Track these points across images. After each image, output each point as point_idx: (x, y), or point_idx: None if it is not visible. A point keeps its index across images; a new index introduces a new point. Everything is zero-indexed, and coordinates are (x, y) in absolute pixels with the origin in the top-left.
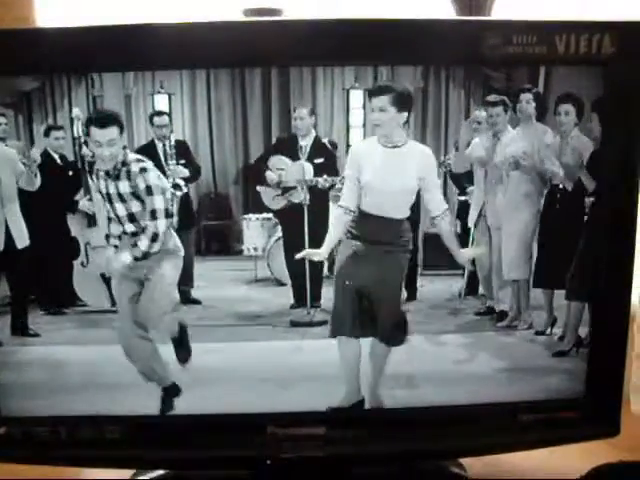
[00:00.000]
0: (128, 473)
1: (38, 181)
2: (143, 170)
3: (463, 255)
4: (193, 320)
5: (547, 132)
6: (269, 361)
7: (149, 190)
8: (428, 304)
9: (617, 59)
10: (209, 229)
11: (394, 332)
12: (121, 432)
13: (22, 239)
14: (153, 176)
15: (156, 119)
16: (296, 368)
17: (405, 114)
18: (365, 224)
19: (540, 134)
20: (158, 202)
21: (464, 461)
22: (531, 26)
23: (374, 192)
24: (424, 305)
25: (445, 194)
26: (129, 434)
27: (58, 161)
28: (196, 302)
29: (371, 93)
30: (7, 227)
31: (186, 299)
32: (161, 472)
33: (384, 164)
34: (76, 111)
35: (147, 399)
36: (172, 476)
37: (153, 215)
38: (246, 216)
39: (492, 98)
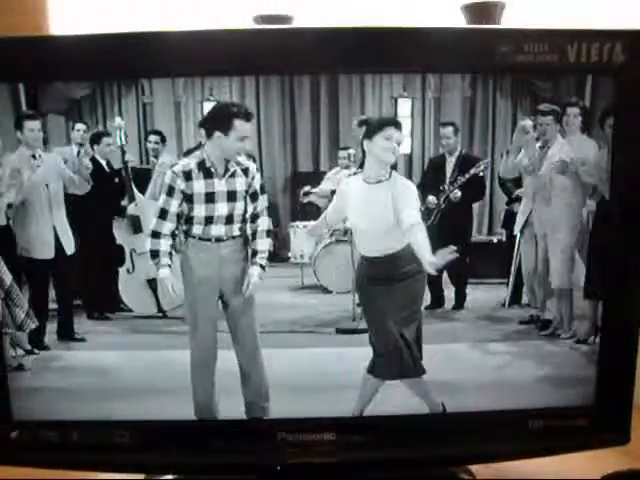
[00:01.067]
0: (138, 478)
1: (89, 185)
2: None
3: (433, 262)
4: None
5: (592, 145)
6: (309, 367)
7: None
8: (473, 313)
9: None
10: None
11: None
12: (131, 437)
13: (69, 246)
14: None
15: None
16: (336, 375)
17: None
18: (365, 265)
19: (586, 146)
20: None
21: (473, 467)
22: (542, 35)
23: (359, 233)
24: (469, 313)
25: (492, 203)
26: (140, 439)
27: (105, 168)
28: None
29: (391, 123)
30: (56, 234)
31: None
32: (170, 477)
33: (366, 203)
34: (118, 120)
35: (163, 404)
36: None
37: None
38: (293, 224)
39: (543, 107)
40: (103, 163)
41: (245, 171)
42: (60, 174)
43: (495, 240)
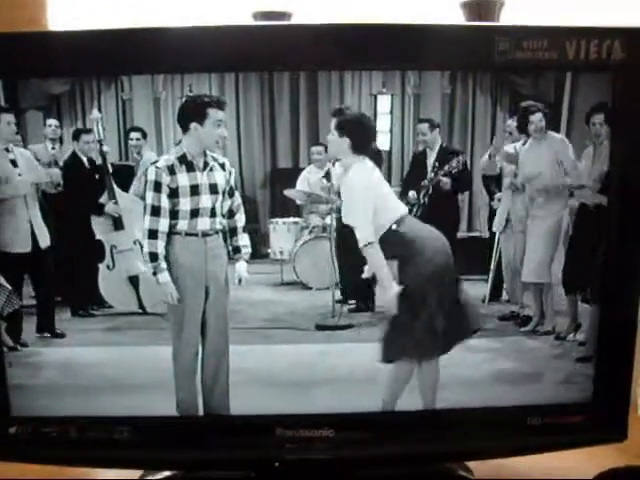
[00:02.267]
0: (136, 474)
1: (61, 185)
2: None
3: (389, 294)
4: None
5: (564, 143)
6: (290, 364)
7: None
8: None
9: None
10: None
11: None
12: (130, 433)
13: (44, 240)
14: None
15: None
16: (318, 371)
17: (346, 140)
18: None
19: (558, 145)
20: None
21: (471, 464)
22: (542, 32)
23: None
24: None
25: (471, 200)
26: (138, 435)
27: (86, 164)
28: None
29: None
30: (32, 228)
31: None
32: (168, 473)
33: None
34: (95, 112)
35: (158, 400)
36: (180, 477)
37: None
38: (273, 220)
39: (525, 104)
40: (84, 159)
41: (222, 166)
42: (32, 169)
43: (474, 236)
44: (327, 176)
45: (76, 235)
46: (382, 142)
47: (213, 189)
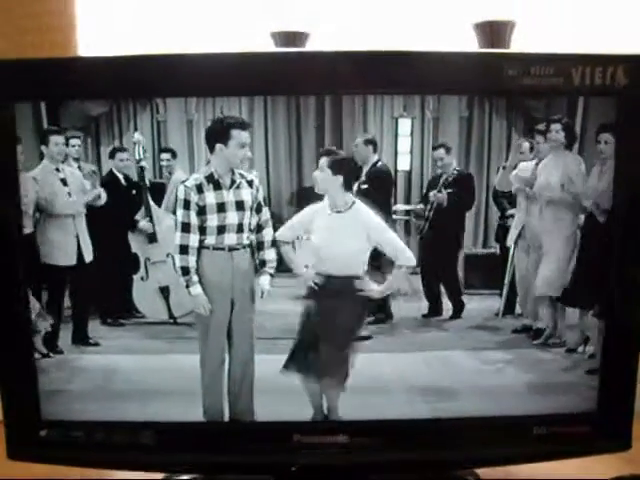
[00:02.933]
0: (157, 476)
1: (103, 199)
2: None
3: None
4: None
5: (578, 161)
6: None
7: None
8: (468, 321)
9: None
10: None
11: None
12: (154, 438)
13: (88, 253)
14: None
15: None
16: None
17: (339, 177)
18: (320, 281)
19: (570, 162)
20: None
21: (479, 471)
22: (549, 59)
23: (322, 254)
24: (464, 322)
25: (487, 217)
26: (161, 439)
27: (122, 181)
28: None
29: (320, 154)
30: (78, 242)
31: None
32: (187, 477)
33: (330, 229)
34: (137, 135)
35: (182, 406)
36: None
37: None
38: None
39: (540, 127)
40: (120, 177)
41: (250, 183)
42: (80, 186)
43: (489, 252)
44: None
45: (115, 249)
46: (403, 163)
47: (239, 206)
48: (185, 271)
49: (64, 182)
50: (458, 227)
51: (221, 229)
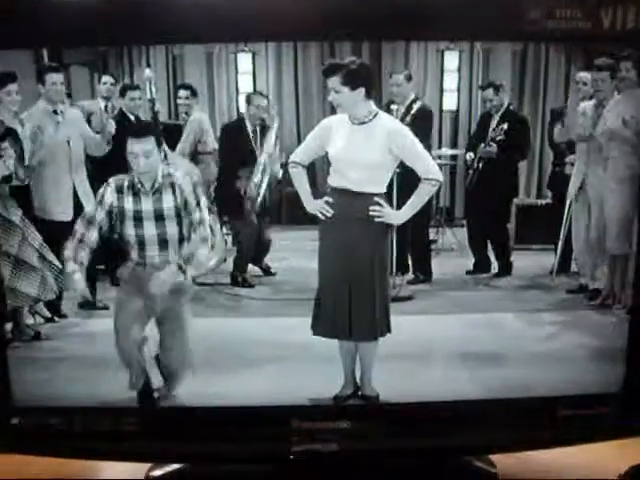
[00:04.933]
0: (142, 467)
1: (107, 147)
2: None
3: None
4: (265, 294)
5: None
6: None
7: None
8: (518, 280)
9: None
10: (292, 197)
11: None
12: (139, 424)
13: (90, 205)
14: None
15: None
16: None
17: (362, 90)
18: (335, 199)
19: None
20: None
21: (494, 457)
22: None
23: (340, 166)
24: (514, 281)
25: (541, 165)
26: (148, 426)
27: (134, 122)
28: (270, 273)
29: (324, 74)
30: (76, 194)
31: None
32: (176, 466)
33: (350, 139)
34: (147, 72)
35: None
36: (190, 470)
37: None
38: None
39: (600, 62)
40: (131, 117)
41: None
42: (81, 131)
43: (542, 203)
44: None
45: None
46: (449, 101)
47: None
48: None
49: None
50: (510, 177)
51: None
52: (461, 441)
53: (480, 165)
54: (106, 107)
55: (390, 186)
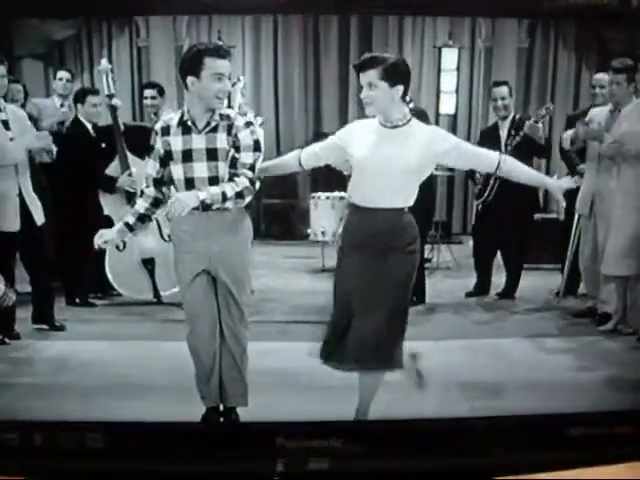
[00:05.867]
0: None
1: (53, 153)
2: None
3: (558, 184)
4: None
5: None
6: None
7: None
8: (522, 303)
9: None
10: (270, 209)
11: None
12: (106, 441)
13: (39, 215)
14: None
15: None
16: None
17: (400, 88)
18: (358, 220)
19: None
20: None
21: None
22: None
23: (368, 177)
24: (516, 304)
25: (548, 173)
26: (119, 444)
27: (91, 132)
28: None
29: (359, 67)
30: (24, 201)
31: None
32: None
33: (382, 144)
34: (104, 63)
35: (149, 403)
36: None
37: None
38: (315, 194)
39: (617, 63)
40: (88, 127)
41: (229, 126)
42: (25, 131)
43: (549, 218)
44: None
45: (79, 211)
46: (447, 105)
47: (211, 155)
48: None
49: (5, 124)
50: (532, 189)
51: (189, 182)
52: (461, 463)
53: (497, 179)
54: (62, 105)
55: None
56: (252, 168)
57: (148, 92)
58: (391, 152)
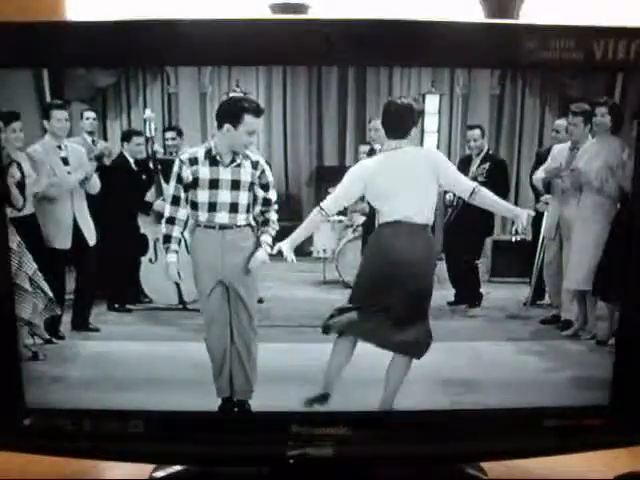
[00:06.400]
0: (147, 468)
1: (97, 187)
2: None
3: (521, 213)
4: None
5: (621, 146)
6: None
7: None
8: (495, 311)
9: None
10: (279, 229)
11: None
12: (145, 427)
13: (91, 237)
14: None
15: None
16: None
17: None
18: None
19: (615, 148)
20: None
21: (485, 465)
22: (568, 31)
23: (390, 196)
24: (491, 312)
25: (516, 203)
26: (153, 429)
27: (133, 166)
28: (259, 301)
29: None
30: (77, 224)
31: None
32: (179, 467)
33: (393, 168)
34: (147, 112)
35: (177, 395)
36: (191, 472)
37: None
38: None
39: (575, 107)
40: (131, 160)
41: (255, 164)
42: (82, 166)
43: (517, 239)
44: None
45: (122, 231)
46: (430, 142)
47: (235, 185)
48: (166, 238)
49: (65, 161)
50: (487, 217)
51: (212, 206)
52: (454, 449)
53: (460, 202)
54: (93, 141)
55: None
56: (276, 203)
57: (169, 134)
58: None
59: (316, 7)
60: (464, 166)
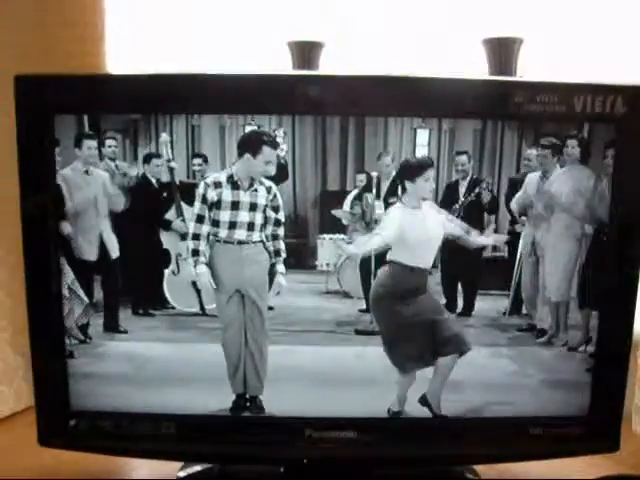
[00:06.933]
0: (176, 466)
1: (122, 204)
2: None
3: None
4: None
5: (589, 175)
6: (329, 365)
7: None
8: (479, 320)
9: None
10: (287, 246)
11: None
12: (177, 428)
13: (114, 251)
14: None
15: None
16: (353, 373)
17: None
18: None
19: (583, 176)
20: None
21: (477, 467)
22: (553, 87)
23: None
24: (475, 320)
25: (497, 222)
26: (181, 430)
27: (155, 185)
28: (270, 308)
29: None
30: (102, 240)
31: None
32: (205, 466)
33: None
34: (164, 136)
35: (203, 395)
36: (214, 471)
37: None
38: (321, 236)
39: (545, 141)
40: (153, 181)
41: (268, 189)
42: (105, 190)
43: (497, 256)
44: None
45: (145, 245)
46: None
47: (253, 207)
48: (195, 252)
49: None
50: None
51: (232, 224)
52: (448, 452)
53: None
54: (116, 166)
55: None
56: (283, 224)
57: (196, 161)
58: (425, 230)
59: (331, 45)
60: (450, 191)
